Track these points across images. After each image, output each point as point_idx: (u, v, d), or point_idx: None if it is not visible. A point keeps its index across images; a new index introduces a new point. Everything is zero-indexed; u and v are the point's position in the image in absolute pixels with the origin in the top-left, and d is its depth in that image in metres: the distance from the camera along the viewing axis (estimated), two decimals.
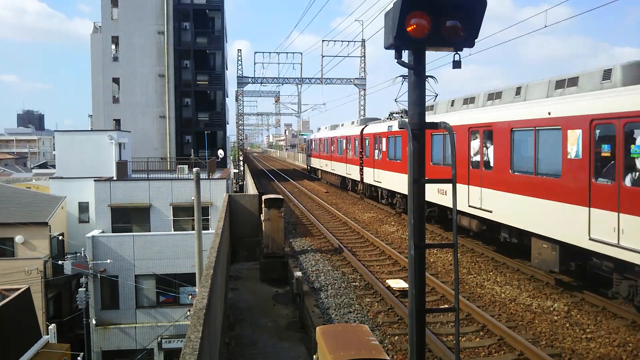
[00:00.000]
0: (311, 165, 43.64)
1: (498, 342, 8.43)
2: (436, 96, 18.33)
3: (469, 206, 13.51)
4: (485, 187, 12.81)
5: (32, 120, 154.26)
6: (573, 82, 10.52)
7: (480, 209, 12.97)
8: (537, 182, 10.76)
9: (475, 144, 13.45)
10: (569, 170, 9.66)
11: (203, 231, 18.10)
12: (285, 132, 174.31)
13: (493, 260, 13.54)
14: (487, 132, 12.87)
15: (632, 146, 8.26)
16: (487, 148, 12.94)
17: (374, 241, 16.49)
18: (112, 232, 25.88)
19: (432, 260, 14.04)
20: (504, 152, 12.04)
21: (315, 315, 9.99)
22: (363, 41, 48.35)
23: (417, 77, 3.27)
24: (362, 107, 48.29)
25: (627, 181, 8.31)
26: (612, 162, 8.68)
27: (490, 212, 12.53)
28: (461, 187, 13.63)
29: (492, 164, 12.62)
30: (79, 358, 19.52)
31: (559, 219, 9.88)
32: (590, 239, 9.00)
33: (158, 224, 26.79)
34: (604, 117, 8.86)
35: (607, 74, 9.62)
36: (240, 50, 50.08)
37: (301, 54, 46.98)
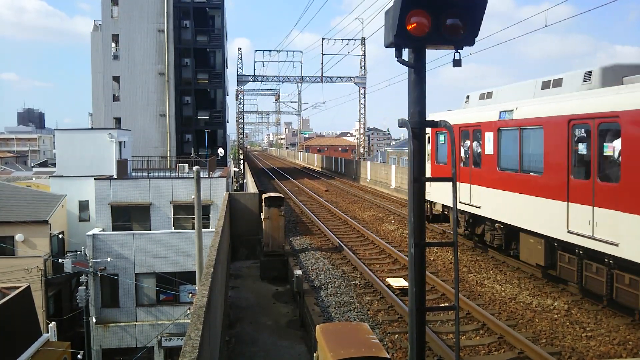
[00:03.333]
0: (467, 206, 13.82)
1: (498, 340, 8.45)
2: None
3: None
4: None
5: (32, 118, 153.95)
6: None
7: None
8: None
9: None
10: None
11: (203, 229, 18.11)
12: (285, 131, 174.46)
13: (493, 259, 13.54)
14: None
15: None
16: None
17: (374, 240, 16.49)
18: (113, 231, 25.91)
19: (432, 258, 14.05)
20: None
21: (315, 313, 10.00)
22: (363, 39, 48.33)
23: (418, 75, 3.27)
24: (362, 106, 48.28)
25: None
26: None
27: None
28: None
29: None
30: (79, 356, 19.54)
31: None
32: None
33: (158, 222, 26.82)
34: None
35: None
36: (241, 48, 50.17)
37: (301, 52, 47.11)
